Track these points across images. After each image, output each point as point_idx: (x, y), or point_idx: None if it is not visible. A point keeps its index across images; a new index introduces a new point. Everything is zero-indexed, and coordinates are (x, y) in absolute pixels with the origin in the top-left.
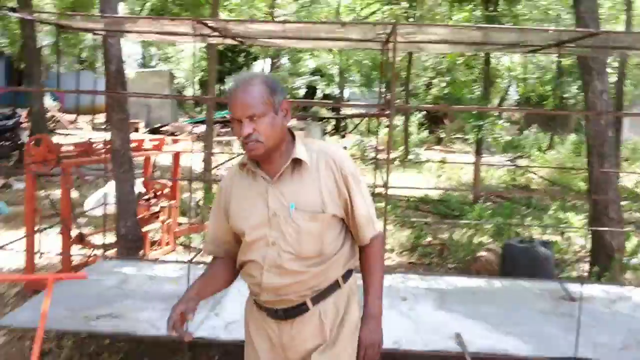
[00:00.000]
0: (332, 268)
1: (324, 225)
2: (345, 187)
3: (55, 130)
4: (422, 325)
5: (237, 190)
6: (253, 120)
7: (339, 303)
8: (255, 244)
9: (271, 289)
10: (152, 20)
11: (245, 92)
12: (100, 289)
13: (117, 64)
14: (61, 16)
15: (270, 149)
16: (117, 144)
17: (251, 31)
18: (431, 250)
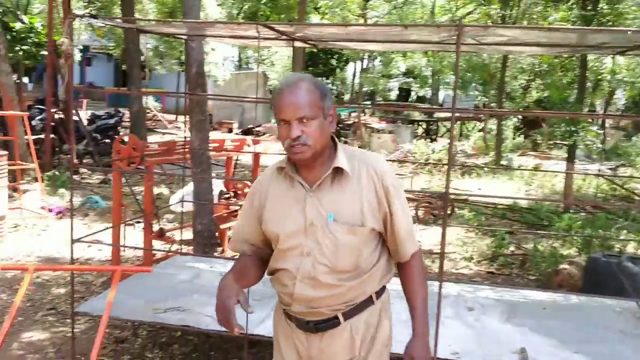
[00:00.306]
0: (367, 283)
1: (362, 239)
2: (385, 200)
3: (154, 129)
4: (486, 337)
5: (274, 194)
6: (302, 122)
7: (370, 319)
8: (289, 253)
9: (303, 301)
10: (223, 24)
11: (297, 94)
12: (173, 283)
13: (198, 67)
14: (141, 21)
15: (317, 154)
16: (196, 144)
17: (319, 34)
18: (512, 260)
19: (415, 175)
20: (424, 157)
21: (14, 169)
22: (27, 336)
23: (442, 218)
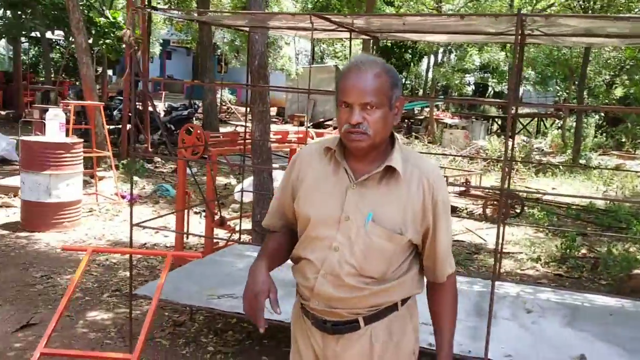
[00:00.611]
0: (393, 290)
1: (397, 248)
2: (432, 214)
3: (228, 121)
4: (543, 341)
5: (314, 174)
6: (366, 109)
7: (393, 327)
8: (317, 243)
9: (323, 298)
10: (279, 15)
11: (365, 77)
12: (230, 271)
13: (260, 59)
14: (200, 12)
15: (374, 145)
16: (257, 135)
17: (378, 25)
18: (583, 263)
19: (486, 172)
20: (496, 154)
21: (91, 156)
22: (92, 315)
23: (510, 216)
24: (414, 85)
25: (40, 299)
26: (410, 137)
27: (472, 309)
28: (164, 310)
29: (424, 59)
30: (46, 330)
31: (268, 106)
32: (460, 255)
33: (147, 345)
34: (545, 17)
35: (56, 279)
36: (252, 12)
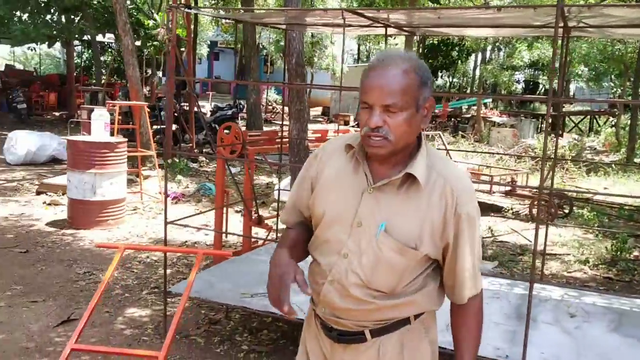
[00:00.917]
0: (404, 307)
1: (410, 263)
2: (453, 229)
3: (272, 121)
4: (586, 347)
5: (332, 170)
6: (388, 111)
7: (405, 340)
8: (327, 246)
9: (328, 306)
10: (317, 12)
11: (389, 75)
12: (265, 269)
13: (297, 57)
14: (236, 12)
15: (396, 151)
16: (294, 133)
17: (415, 20)
18: (636, 266)
19: (533, 172)
20: None
21: (136, 155)
22: (130, 312)
23: (558, 217)
24: (462, 83)
25: (82, 295)
26: (457, 135)
27: (513, 312)
28: (200, 308)
29: (472, 57)
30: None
31: (305, 104)
32: (504, 256)
33: (182, 343)
34: (588, 7)
35: (98, 275)
36: (285, 8)
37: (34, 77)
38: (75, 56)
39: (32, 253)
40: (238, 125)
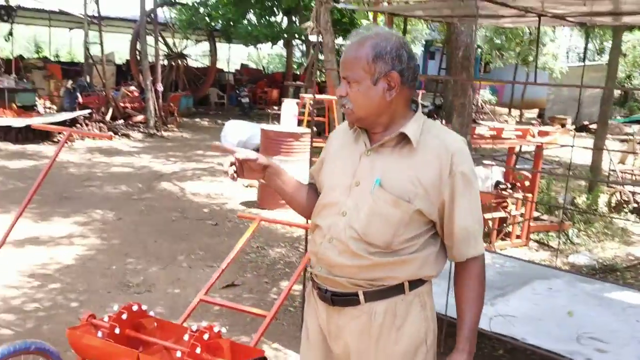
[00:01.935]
0: (399, 267)
1: (404, 217)
2: (449, 187)
3: (478, 121)
4: None
5: (337, 144)
6: (348, 83)
7: (398, 311)
8: (327, 209)
9: (325, 264)
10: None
11: (350, 50)
12: None
13: (464, 50)
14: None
15: (361, 119)
16: (457, 127)
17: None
18: None
19: None
20: None
21: (322, 146)
22: (285, 284)
23: None
24: None
25: (249, 266)
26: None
27: None
28: None
29: None
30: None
31: (470, 99)
32: None
33: None
34: None
35: (268, 250)
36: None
37: (262, 75)
38: (300, 55)
39: (220, 226)
40: None
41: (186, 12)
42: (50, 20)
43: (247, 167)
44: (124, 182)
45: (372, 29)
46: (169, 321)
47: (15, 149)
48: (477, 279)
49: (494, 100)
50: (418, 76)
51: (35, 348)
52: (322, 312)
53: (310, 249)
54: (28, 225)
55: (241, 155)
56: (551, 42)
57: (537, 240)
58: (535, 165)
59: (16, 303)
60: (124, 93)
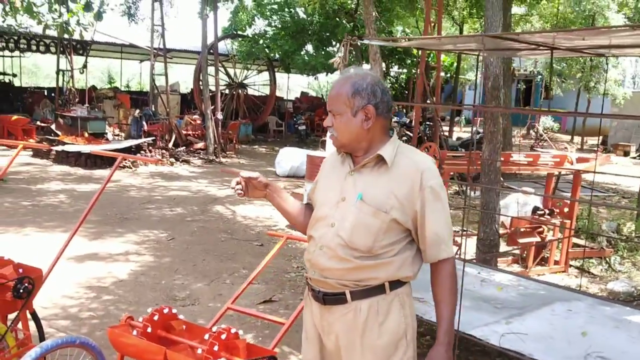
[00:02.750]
0: (380, 268)
1: (383, 225)
2: (419, 200)
3: (536, 148)
4: None
5: (329, 167)
6: (333, 115)
7: (380, 308)
8: (320, 222)
9: (317, 268)
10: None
11: (334, 88)
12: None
13: (494, 81)
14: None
15: (345, 145)
16: (486, 154)
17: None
18: None
19: None
20: None
21: None
22: None
23: None
24: None
25: (288, 284)
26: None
27: None
28: None
29: None
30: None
31: (499, 127)
32: None
33: None
34: None
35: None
36: (475, 35)
37: (321, 102)
38: None
39: (265, 247)
40: (433, 144)
41: (246, 44)
42: (122, 53)
43: (251, 185)
44: (180, 204)
45: (351, 70)
46: (196, 324)
47: (83, 173)
48: (448, 278)
49: (557, 127)
50: (392, 107)
51: (80, 342)
52: (316, 311)
53: (305, 256)
54: (89, 243)
55: (245, 174)
56: (614, 67)
57: (578, 266)
58: (573, 192)
59: (73, 311)
60: (187, 121)
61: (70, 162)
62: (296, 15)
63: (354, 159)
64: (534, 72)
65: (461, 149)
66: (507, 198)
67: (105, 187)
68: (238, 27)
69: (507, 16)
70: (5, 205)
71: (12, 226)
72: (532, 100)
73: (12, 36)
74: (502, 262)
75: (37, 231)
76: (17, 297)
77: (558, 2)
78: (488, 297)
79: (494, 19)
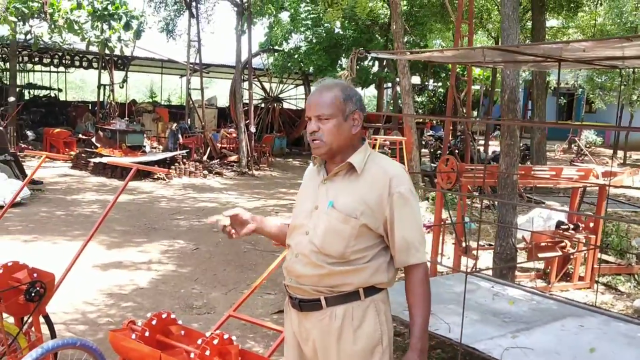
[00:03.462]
0: (353, 274)
1: (354, 231)
2: (388, 205)
3: (576, 163)
4: None
5: (306, 179)
6: (320, 120)
7: (355, 314)
8: (295, 231)
9: (293, 275)
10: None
11: (320, 95)
12: (443, 292)
13: (510, 94)
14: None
15: (332, 150)
16: (503, 167)
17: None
18: None
19: None
20: None
21: None
22: None
23: None
24: None
25: None
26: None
27: None
28: None
29: None
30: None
31: (516, 140)
32: None
33: None
34: None
35: None
36: (477, 47)
37: None
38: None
39: None
40: (451, 157)
41: (281, 59)
42: (162, 68)
43: (238, 224)
44: (208, 215)
45: (327, 79)
46: (194, 329)
47: (117, 185)
48: (420, 284)
49: (599, 141)
50: None
51: (81, 344)
52: (294, 318)
53: (283, 264)
54: (115, 252)
55: (226, 213)
56: None
57: (605, 283)
58: (598, 206)
59: (92, 317)
60: (224, 134)
61: (106, 173)
62: (332, 29)
63: (328, 168)
64: (575, 86)
65: (494, 162)
66: (531, 212)
67: (137, 198)
68: (274, 42)
69: (541, 29)
70: (41, 214)
71: (44, 234)
72: (574, 114)
73: (56, 52)
74: (524, 277)
75: (66, 240)
76: (29, 300)
77: (596, 13)
78: (498, 311)
79: (511, 31)
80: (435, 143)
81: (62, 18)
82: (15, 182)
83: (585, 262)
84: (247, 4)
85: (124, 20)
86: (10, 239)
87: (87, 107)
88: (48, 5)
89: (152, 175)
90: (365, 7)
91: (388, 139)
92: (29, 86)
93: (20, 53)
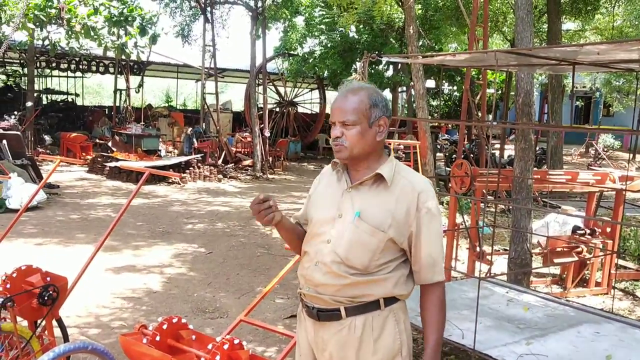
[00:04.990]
0: (375, 285)
1: (381, 244)
2: (415, 221)
3: (593, 167)
4: None
5: (323, 184)
6: (345, 125)
7: (375, 325)
8: (315, 238)
9: (312, 283)
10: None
11: (346, 99)
12: (456, 297)
13: (524, 97)
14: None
15: (354, 157)
16: (517, 171)
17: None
18: None
19: None
20: None
21: None
22: None
23: None
24: None
25: None
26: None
27: None
28: None
29: None
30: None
31: (531, 144)
32: None
33: None
34: None
35: None
36: (488, 50)
37: None
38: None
39: None
40: (464, 162)
41: (295, 63)
42: (178, 72)
43: None
44: (221, 220)
45: (354, 82)
46: (205, 334)
47: (133, 188)
48: (438, 300)
49: (618, 145)
50: None
51: (92, 349)
52: (309, 327)
53: (299, 272)
54: (128, 256)
55: (262, 197)
56: None
57: (622, 289)
58: (615, 211)
59: (105, 320)
60: (238, 138)
61: (122, 177)
62: (346, 33)
63: (351, 175)
64: (592, 89)
65: (509, 166)
66: (547, 217)
67: (151, 202)
68: (288, 47)
69: (557, 32)
70: (57, 218)
71: (59, 238)
72: (592, 118)
73: (74, 58)
74: (540, 283)
75: (81, 243)
76: (42, 304)
77: (614, 16)
78: (512, 317)
79: (525, 34)
80: (450, 147)
81: (79, 24)
82: (32, 186)
83: (602, 268)
84: (262, 8)
85: (137, 23)
86: (24, 243)
87: (104, 111)
88: (65, 11)
89: (167, 179)
90: (382, 10)
91: (402, 143)
92: (46, 91)
93: (38, 58)
